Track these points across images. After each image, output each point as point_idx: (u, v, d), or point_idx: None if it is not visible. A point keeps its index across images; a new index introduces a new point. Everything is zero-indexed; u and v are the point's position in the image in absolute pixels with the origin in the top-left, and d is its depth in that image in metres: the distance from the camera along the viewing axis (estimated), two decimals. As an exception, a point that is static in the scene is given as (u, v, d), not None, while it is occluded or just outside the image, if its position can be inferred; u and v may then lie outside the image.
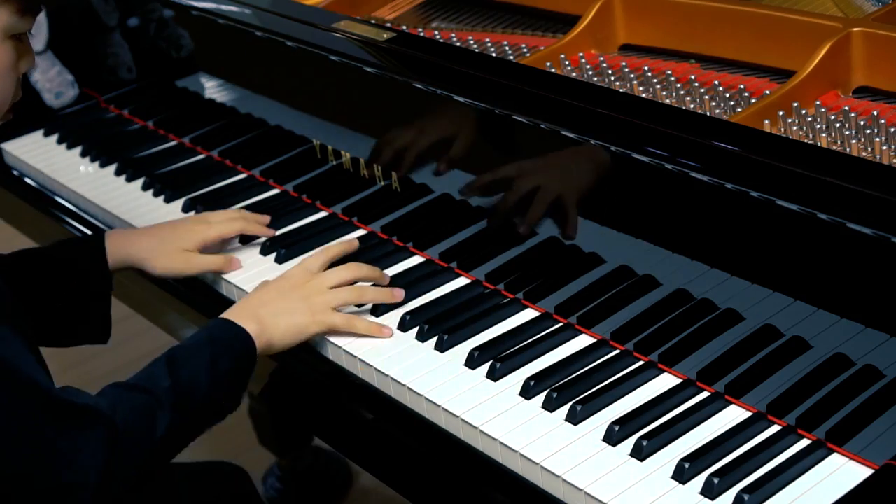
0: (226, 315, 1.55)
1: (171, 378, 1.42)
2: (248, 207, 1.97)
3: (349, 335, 1.60)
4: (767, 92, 1.61)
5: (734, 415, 1.39)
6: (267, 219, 1.86)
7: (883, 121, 1.51)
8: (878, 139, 1.47)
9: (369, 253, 1.79)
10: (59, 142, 2.30)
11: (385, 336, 1.60)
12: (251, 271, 1.80)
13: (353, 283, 1.64)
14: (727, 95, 1.63)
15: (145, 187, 2.09)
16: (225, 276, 1.78)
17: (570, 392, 1.44)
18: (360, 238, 1.84)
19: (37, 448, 1.29)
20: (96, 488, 1.31)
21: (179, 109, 2.29)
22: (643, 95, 1.70)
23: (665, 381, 1.46)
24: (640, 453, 1.34)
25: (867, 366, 1.29)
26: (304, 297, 1.59)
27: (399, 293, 1.65)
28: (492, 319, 1.61)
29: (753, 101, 1.61)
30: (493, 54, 1.88)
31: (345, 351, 1.59)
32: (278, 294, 1.60)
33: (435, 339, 1.58)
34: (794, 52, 1.63)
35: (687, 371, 1.45)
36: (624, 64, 1.77)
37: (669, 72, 1.71)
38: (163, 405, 1.39)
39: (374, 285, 1.66)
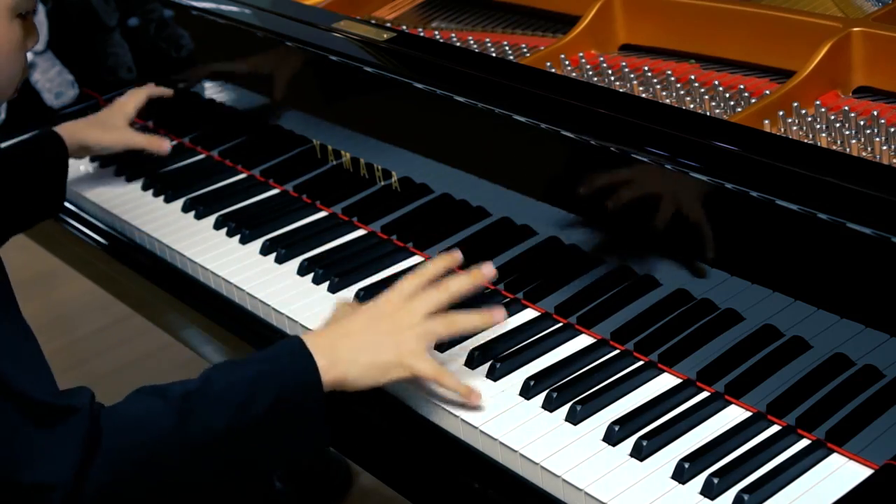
0: (304, 336, 1.41)
1: (198, 384, 1.32)
2: (248, 207, 1.98)
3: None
4: (767, 92, 1.61)
5: (734, 415, 1.39)
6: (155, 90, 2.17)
7: (883, 121, 1.51)
8: (878, 139, 1.47)
9: (369, 253, 1.79)
10: (59, 142, 2.30)
11: (473, 402, 1.43)
12: (252, 271, 1.80)
13: (452, 302, 1.47)
14: (727, 95, 1.63)
15: (145, 187, 2.10)
16: (224, 276, 1.79)
17: (570, 392, 1.44)
18: (359, 238, 1.84)
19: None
20: (67, 488, 1.23)
21: (179, 109, 2.28)
22: (643, 95, 1.70)
23: (665, 381, 1.46)
24: (640, 453, 1.34)
25: (867, 366, 1.29)
26: (392, 330, 1.42)
27: (500, 314, 1.47)
28: (492, 319, 1.60)
29: (753, 101, 1.61)
30: (493, 54, 1.88)
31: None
32: (364, 325, 1.43)
33: (434, 338, 1.58)
34: (794, 52, 1.63)
35: (687, 371, 1.45)
36: (624, 64, 1.77)
37: (669, 72, 1.71)
38: (169, 410, 1.30)
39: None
